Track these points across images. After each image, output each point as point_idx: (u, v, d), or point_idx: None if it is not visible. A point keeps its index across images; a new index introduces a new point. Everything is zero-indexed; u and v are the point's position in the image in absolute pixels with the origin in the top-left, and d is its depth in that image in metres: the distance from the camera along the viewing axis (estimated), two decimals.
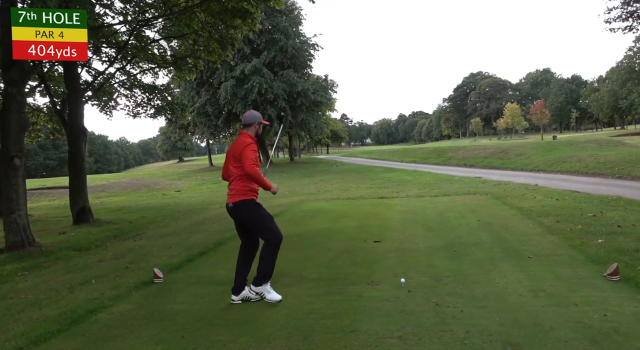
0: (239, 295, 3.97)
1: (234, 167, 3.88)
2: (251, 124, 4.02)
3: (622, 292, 3.64)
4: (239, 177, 3.85)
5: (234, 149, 3.90)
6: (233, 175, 3.89)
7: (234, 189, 3.87)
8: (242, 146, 3.83)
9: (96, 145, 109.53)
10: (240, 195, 3.85)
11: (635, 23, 16.37)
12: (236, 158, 3.86)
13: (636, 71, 65.44)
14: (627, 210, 7.77)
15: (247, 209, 3.88)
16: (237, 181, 3.86)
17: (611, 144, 27.30)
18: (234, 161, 3.89)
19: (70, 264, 6.34)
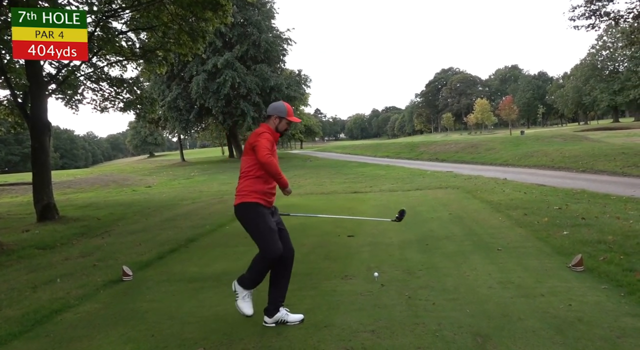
0: (272, 317, 3.27)
1: (244, 159, 3.32)
2: (270, 115, 3.43)
3: (585, 282, 3.77)
4: (245, 175, 3.30)
5: (249, 140, 3.32)
6: (241, 171, 3.33)
7: (238, 189, 3.31)
8: (256, 134, 3.28)
9: (62, 140, 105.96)
10: (241, 197, 3.24)
11: (597, 21, 16.92)
12: (248, 149, 3.30)
13: (598, 68, 68.02)
14: (590, 203, 8.06)
15: (243, 212, 3.24)
16: (242, 180, 3.31)
17: (575, 138, 28.27)
18: (245, 153, 3.35)
19: (34, 262, 6.10)
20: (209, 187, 19.92)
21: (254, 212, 3.21)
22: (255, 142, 3.21)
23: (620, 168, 14.33)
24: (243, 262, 5.25)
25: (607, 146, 20.86)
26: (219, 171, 31.47)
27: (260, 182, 3.25)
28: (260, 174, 3.23)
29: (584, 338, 2.74)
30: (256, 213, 3.21)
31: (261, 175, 3.24)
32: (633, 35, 17.70)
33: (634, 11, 16.19)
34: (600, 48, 68.46)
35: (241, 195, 3.25)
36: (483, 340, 2.79)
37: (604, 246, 4.82)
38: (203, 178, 27.19)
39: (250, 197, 3.22)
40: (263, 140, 3.22)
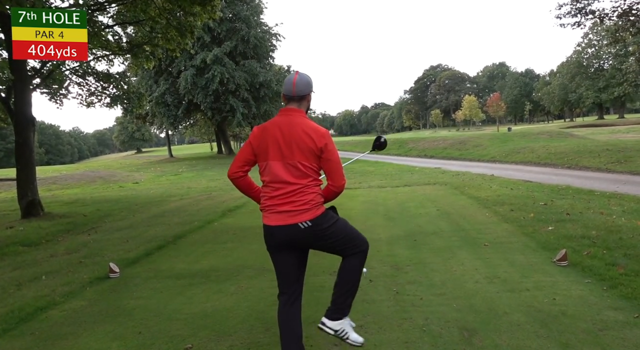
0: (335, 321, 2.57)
1: (299, 163, 2.36)
2: (305, 94, 2.49)
3: (569, 277, 3.84)
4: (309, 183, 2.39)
5: (300, 137, 2.36)
6: (291, 179, 2.37)
7: (301, 199, 2.36)
8: (321, 134, 2.39)
9: (47, 136, 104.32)
10: (315, 208, 2.38)
11: (583, 19, 17.13)
12: (310, 152, 2.36)
13: (584, 66, 68.87)
14: (575, 199, 8.18)
15: (329, 221, 2.43)
16: (307, 188, 2.38)
17: (561, 135, 28.64)
18: (302, 156, 2.36)
19: (19, 259, 6.02)
20: (197, 183, 19.80)
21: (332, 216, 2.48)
22: (328, 147, 2.39)
23: (605, 164, 14.56)
24: (232, 259, 5.25)
25: (591, 143, 21.18)
26: (207, 167, 31.28)
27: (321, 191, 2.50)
28: (321, 181, 2.50)
29: (568, 331, 2.79)
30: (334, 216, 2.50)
31: (320, 183, 2.51)
32: (617, 33, 17.96)
33: (618, 9, 16.43)
34: (585, 46, 69.32)
35: (315, 205, 2.39)
36: (469, 335, 2.83)
37: (588, 241, 4.91)
38: (191, 174, 27.00)
39: (323, 206, 2.47)
40: (335, 148, 2.45)
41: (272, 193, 2.40)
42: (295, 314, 2.48)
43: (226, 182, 19.10)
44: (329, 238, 2.41)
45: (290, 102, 2.48)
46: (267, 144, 2.40)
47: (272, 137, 2.40)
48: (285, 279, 2.49)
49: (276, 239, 2.41)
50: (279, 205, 2.38)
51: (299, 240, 2.39)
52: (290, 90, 2.46)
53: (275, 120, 2.45)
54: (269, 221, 2.42)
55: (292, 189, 2.36)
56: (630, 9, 16.27)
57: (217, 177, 22.54)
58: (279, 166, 2.37)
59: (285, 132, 2.38)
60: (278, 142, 2.38)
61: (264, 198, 2.47)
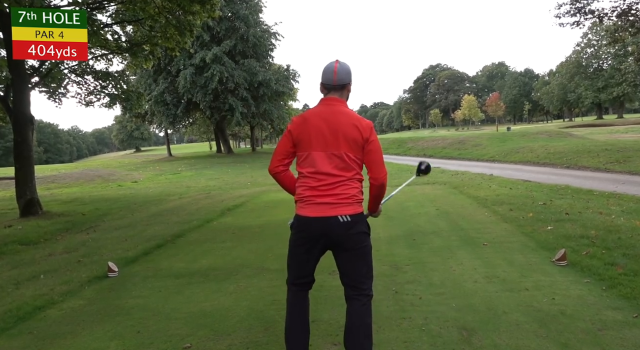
0: None
1: (345, 155, 2.27)
2: (346, 84, 2.40)
3: (568, 276, 3.83)
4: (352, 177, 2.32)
5: (346, 127, 2.27)
6: (335, 171, 2.28)
7: (344, 193, 2.28)
8: (367, 127, 2.30)
9: (46, 134, 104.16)
10: (357, 204, 2.32)
11: (582, 19, 17.12)
12: (355, 144, 2.28)
13: (583, 66, 68.93)
14: (574, 198, 8.19)
15: (366, 228, 2.37)
16: (346, 181, 2.30)
17: (560, 135, 28.66)
18: (348, 147, 2.27)
19: (17, 258, 6.01)
20: (196, 182, 19.79)
21: (368, 226, 2.39)
22: (373, 138, 2.32)
23: (604, 164, 14.58)
24: (231, 258, 5.24)
25: (590, 143, 21.19)
26: (206, 166, 31.27)
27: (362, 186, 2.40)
28: (362, 177, 2.39)
29: (567, 331, 2.79)
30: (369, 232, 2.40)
31: (362, 179, 2.40)
32: (617, 33, 17.96)
33: (617, 9, 16.43)
34: (585, 45, 69.38)
35: (357, 202, 2.32)
36: (468, 334, 2.83)
37: (587, 241, 4.90)
38: (190, 173, 26.99)
39: (362, 206, 2.37)
40: (378, 139, 2.36)
41: (312, 183, 2.30)
42: (304, 301, 2.44)
43: (225, 181, 19.09)
44: (358, 245, 2.30)
45: (331, 92, 2.39)
46: (309, 134, 2.30)
47: (315, 127, 2.29)
48: (301, 271, 2.42)
49: (311, 231, 2.30)
50: (319, 196, 2.27)
51: (333, 236, 2.27)
52: (330, 79, 2.36)
53: (317, 109, 2.36)
54: (306, 212, 2.30)
55: (335, 180, 2.27)
56: (630, 9, 16.27)
57: (216, 176, 22.54)
58: (322, 157, 2.28)
59: (330, 122, 2.28)
60: (322, 132, 2.27)
61: (301, 188, 2.35)
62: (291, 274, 2.45)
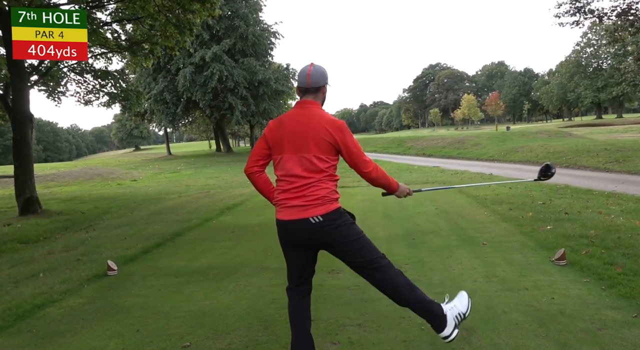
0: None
1: (315, 157, 2.29)
2: (321, 86, 2.42)
3: (568, 276, 3.84)
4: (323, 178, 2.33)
5: (316, 129, 2.29)
6: (305, 173, 2.30)
7: (313, 194, 2.29)
8: (338, 128, 2.31)
9: (45, 133, 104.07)
10: (328, 203, 2.30)
11: (582, 18, 17.12)
12: (327, 146, 2.30)
13: (583, 65, 68.95)
14: (574, 198, 8.19)
15: (342, 219, 2.34)
16: (317, 182, 2.30)
17: (560, 134, 28.67)
18: (318, 150, 2.29)
19: (16, 257, 6.00)
20: (196, 181, 19.79)
21: (348, 218, 2.40)
22: (346, 138, 2.31)
23: (603, 164, 14.59)
24: (230, 257, 5.24)
25: (590, 142, 21.21)
26: (205, 165, 31.26)
27: (336, 187, 2.42)
28: (337, 176, 2.42)
29: (566, 330, 2.79)
30: (351, 220, 2.40)
31: (337, 178, 2.42)
32: (616, 32, 17.96)
33: (617, 9, 16.42)
34: (584, 45, 69.39)
35: (327, 201, 2.30)
36: (468, 333, 2.83)
37: (586, 240, 4.91)
38: (190, 172, 26.98)
39: (338, 203, 2.38)
40: (352, 137, 2.37)
41: (284, 187, 2.34)
42: (303, 308, 2.47)
43: (225, 180, 19.07)
44: (342, 238, 2.31)
45: (306, 94, 2.41)
46: (282, 137, 2.34)
47: (288, 130, 2.33)
48: (294, 275, 2.46)
49: (288, 234, 2.35)
50: (290, 199, 2.31)
51: (310, 237, 2.30)
52: (305, 82, 2.39)
53: (291, 112, 2.40)
54: (280, 216, 2.35)
55: (305, 182, 2.29)
56: (629, 9, 16.27)
57: (215, 175, 22.53)
58: (294, 160, 2.31)
59: (302, 124, 2.31)
60: (294, 134, 2.31)
61: (276, 192, 2.41)
62: (288, 278, 2.50)
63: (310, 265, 2.46)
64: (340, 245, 2.33)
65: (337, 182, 2.41)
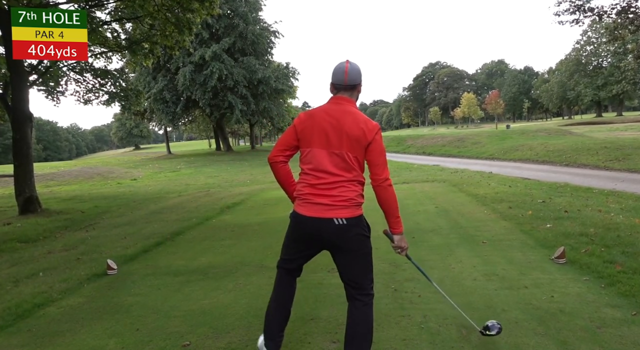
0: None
1: (349, 157, 2.24)
2: (357, 84, 2.37)
3: (567, 274, 3.84)
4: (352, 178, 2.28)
5: (351, 127, 2.23)
6: (336, 170, 2.25)
7: (342, 194, 2.23)
8: (372, 129, 2.25)
9: (44, 132, 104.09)
10: (354, 207, 2.27)
11: (581, 16, 17.08)
12: (358, 144, 2.24)
13: (583, 63, 68.86)
14: (574, 196, 8.19)
15: (364, 230, 2.33)
16: (350, 184, 2.27)
17: (559, 133, 28.66)
18: (350, 147, 2.24)
19: (16, 256, 6.00)
20: (196, 180, 19.78)
21: (368, 229, 2.36)
22: (377, 140, 2.26)
23: (603, 162, 14.58)
24: (230, 256, 5.24)
25: (590, 140, 21.19)
26: (205, 164, 31.25)
27: (363, 189, 2.34)
28: (364, 179, 2.35)
29: (566, 329, 2.79)
30: (368, 232, 2.38)
31: (364, 181, 2.35)
32: (616, 30, 17.92)
33: (617, 7, 16.39)
34: (584, 43, 69.27)
35: (354, 205, 2.26)
36: (467, 332, 2.83)
37: (586, 239, 4.90)
38: (189, 171, 26.97)
39: (361, 209, 2.33)
40: (382, 141, 2.33)
41: (311, 181, 2.27)
42: (290, 285, 2.50)
43: (225, 179, 19.07)
44: (356, 248, 2.26)
45: (341, 91, 2.36)
46: (312, 130, 2.28)
47: (320, 124, 2.27)
48: (290, 262, 2.47)
49: (305, 230, 2.29)
50: (317, 196, 2.24)
51: (328, 237, 2.24)
52: (341, 80, 2.33)
53: (326, 107, 2.34)
54: (302, 211, 2.27)
55: (334, 180, 2.23)
56: (629, 7, 16.24)
57: (215, 174, 22.53)
58: (324, 155, 2.25)
59: (336, 120, 2.25)
60: (326, 129, 2.25)
61: (301, 184, 2.32)
62: (282, 257, 2.50)
63: (309, 258, 2.47)
64: (350, 253, 2.28)
65: (364, 185, 2.34)
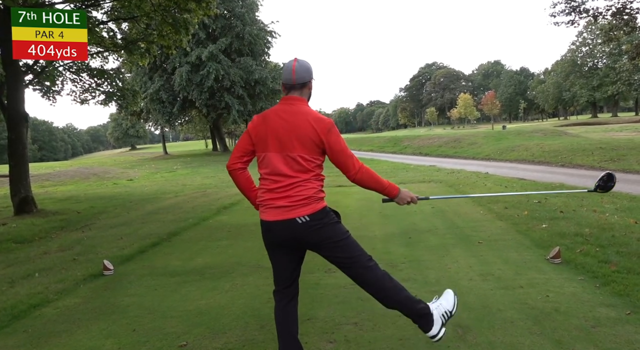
0: None
1: (302, 158, 2.22)
2: (306, 82, 2.34)
3: (562, 274, 3.86)
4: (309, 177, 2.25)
5: (301, 127, 2.21)
6: (290, 172, 2.23)
7: (299, 194, 2.21)
8: (324, 126, 2.21)
9: (40, 132, 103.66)
10: (314, 203, 2.23)
11: (577, 17, 17.19)
12: (312, 144, 2.22)
13: (578, 64, 69.26)
14: (569, 197, 8.22)
15: (329, 218, 2.27)
16: (307, 183, 2.24)
17: (555, 133, 28.78)
18: (303, 149, 2.21)
19: (11, 257, 5.97)
20: (192, 180, 19.74)
21: (334, 216, 2.32)
22: (332, 137, 2.22)
23: (598, 162, 14.65)
24: (226, 256, 5.24)
25: (585, 141, 21.30)
26: (202, 164, 31.19)
27: (322, 187, 2.34)
28: (323, 176, 2.34)
29: (561, 328, 2.81)
30: (337, 219, 2.33)
31: (323, 178, 2.35)
32: (611, 32, 18.03)
33: (612, 8, 16.49)
34: (580, 44, 69.69)
35: (313, 200, 2.22)
36: (463, 332, 2.85)
37: (581, 239, 4.94)
38: (186, 171, 26.92)
39: (323, 202, 2.29)
40: (340, 136, 2.28)
41: (269, 186, 2.26)
42: (290, 312, 2.40)
43: (221, 180, 19.04)
44: (329, 237, 2.24)
45: (291, 91, 2.31)
46: (266, 134, 2.25)
47: (272, 127, 2.24)
48: (280, 277, 2.40)
49: (274, 235, 2.28)
50: (276, 199, 2.23)
51: (297, 238, 2.24)
52: (290, 79, 2.29)
53: (276, 108, 2.31)
54: (265, 216, 2.27)
55: (291, 182, 2.21)
56: (624, 8, 16.34)
57: (212, 175, 22.49)
58: (278, 158, 2.23)
59: (287, 121, 2.22)
60: (279, 132, 2.22)
61: (261, 191, 2.32)
62: (275, 281, 2.43)
63: (296, 267, 2.40)
64: (327, 244, 2.26)
65: (323, 181, 2.35)
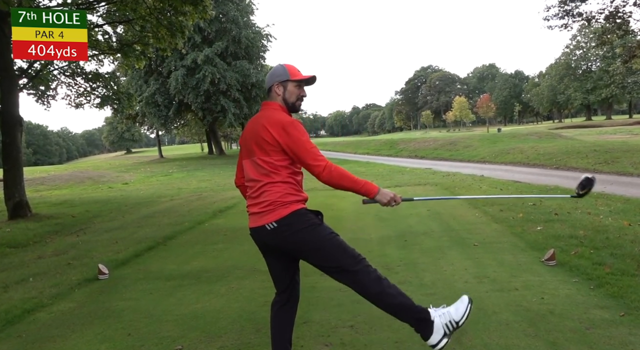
0: None
1: (262, 161, 2.18)
2: (269, 86, 2.33)
3: (557, 276, 3.88)
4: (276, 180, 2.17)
5: (258, 131, 2.19)
6: (257, 177, 2.22)
7: (265, 200, 2.17)
8: (278, 126, 2.15)
9: (35, 136, 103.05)
10: (280, 208, 2.15)
11: (570, 21, 17.31)
12: (269, 146, 2.16)
13: (572, 68, 69.78)
14: (563, 199, 8.27)
15: (303, 226, 2.16)
16: (271, 186, 2.17)
17: (550, 136, 28.91)
18: (261, 152, 2.18)
19: (5, 261, 5.94)
20: (188, 184, 19.69)
21: (312, 217, 2.21)
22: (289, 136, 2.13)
23: (592, 165, 14.74)
24: (222, 259, 5.23)
25: (579, 144, 21.41)
26: (197, 168, 31.11)
27: (295, 189, 2.22)
28: (291, 178, 2.22)
29: (555, 330, 2.83)
30: (315, 216, 2.23)
31: (296, 182, 2.25)
32: (605, 35, 18.17)
33: (605, 12, 16.63)
34: (574, 48, 70.24)
35: (280, 205, 2.14)
36: (459, 334, 2.85)
37: (576, 241, 4.97)
38: (181, 175, 26.84)
39: (296, 205, 2.17)
40: (300, 134, 2.15)
41: (247, 192, 2.32)
42: (283, 317, 2.38)
43: (217, 183, 19.01)
44: (302, 243, 2.15)
45: (267, 96, 2.38)
46: (243, 142, 2.35)
47: (244, 135, 2.34)
48: (276, 281, 2.39)
49: (255, 241, 2.30)
50: (251, 206, 2.27)
51: (270, 245, 2.22)
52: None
53: (254, 116, 2.38)
54: (249, 224, 2.29)
55: (258, 186, 2.21)
56: (617, 11, 16.48)
57: (207, 178, 22.43)
58: (249, 164, 2.28)
59: (250, 127, 2.29)
60: (246, 138, 2.31)
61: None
62: (274, 284, 2.42)
63: (287, 272, 2.35)
64: (304, 250, 2.19)
65: (296, 182, 2.24)
